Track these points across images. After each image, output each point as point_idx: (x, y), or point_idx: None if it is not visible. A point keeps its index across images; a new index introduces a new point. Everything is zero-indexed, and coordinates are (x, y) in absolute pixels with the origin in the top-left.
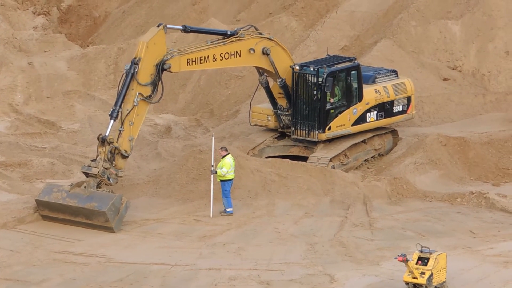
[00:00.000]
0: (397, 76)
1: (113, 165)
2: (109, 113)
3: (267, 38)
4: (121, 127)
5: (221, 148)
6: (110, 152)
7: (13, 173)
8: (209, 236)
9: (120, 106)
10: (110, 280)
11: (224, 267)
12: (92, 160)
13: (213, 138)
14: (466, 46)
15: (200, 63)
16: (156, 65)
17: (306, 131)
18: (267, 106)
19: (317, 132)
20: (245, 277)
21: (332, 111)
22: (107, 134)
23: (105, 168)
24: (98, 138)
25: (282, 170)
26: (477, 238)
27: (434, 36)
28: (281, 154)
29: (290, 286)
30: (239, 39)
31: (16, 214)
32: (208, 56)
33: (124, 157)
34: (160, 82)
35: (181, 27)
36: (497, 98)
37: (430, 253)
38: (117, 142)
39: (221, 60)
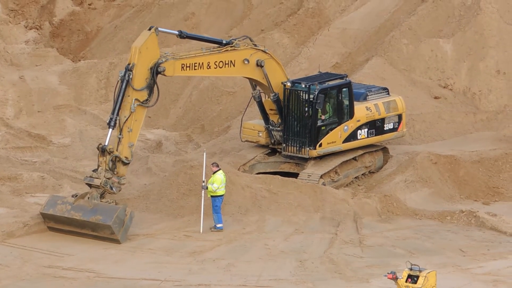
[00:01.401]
0: (388, 93)
1: (115, 173)
2: (107, 121)
3: (262, 51)
4: (120, 134)
5: (212, 164)
6: (111, 160)
7: (3, 187)
8: (199, 252)
9: (117, 114)
10: None
11: (214, 283)
12: (93, 170)
13: (204, 153)
14: (457, 65)
15: (194, 69)
16: (151, 68)
17: (297, 148)
18: (258, 122)
19: (308, 148)
20: None
21: (323, 128)
22: (106, 144)
23: (107, 178)
24: (98, 148)
25: (273, 186)
26: (466, 257)
27: (426, 55)
28: (272, 170)
29: None
30: (234, 49)
31: (5, 228)
32: (202, 63)
33: (125, 164)
34: (155, 86)
35: (176, 32)
36: (488, 116)
37: (420, 271)
38: (117, 150)
39: (215, 68)
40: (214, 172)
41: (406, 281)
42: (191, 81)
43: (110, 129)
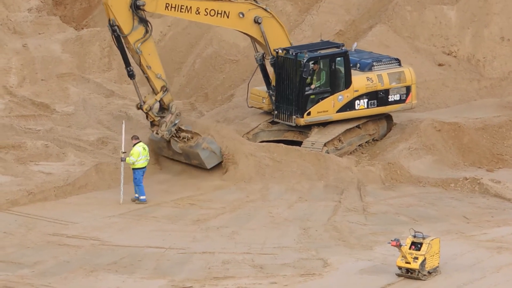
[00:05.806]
0: (399, 64)
1: (163, 103)
2: (127, 74)
3: (263, 8)
4: (144, 74)
5: (132, 137)
6: (157, 101)
7: (7, 155)
8: (203, 219)
9: (129, 65)
10: (104, 262)
11: (218, 251)
12: (151, 125)
13: (123, 123)
14: (462, 32)
15: (181, 11)
16: (130, 7)
17: (287, 115)
18: (264, 88)
19: (294, 116)
20: (238, 261)
21: (312, 96)
22: (143, 103)
23: (166, 125)
24: (136, 107)
25: (277, 154)
26: (470, 224)
27: (430, 21)
28: (275, 138)
29: (284, 270)
30: (230, 1)
31: (10, 196)
32: (191, 7)
33: (165, 92)
34: (144, 17)
35: None
36: (492, 83)
37: (424, 238)
38: (152, 90)
39: (205, 15)
40: (134, 145)
41: (409, 248)
42: (194, 49)
43: (133, 80)
